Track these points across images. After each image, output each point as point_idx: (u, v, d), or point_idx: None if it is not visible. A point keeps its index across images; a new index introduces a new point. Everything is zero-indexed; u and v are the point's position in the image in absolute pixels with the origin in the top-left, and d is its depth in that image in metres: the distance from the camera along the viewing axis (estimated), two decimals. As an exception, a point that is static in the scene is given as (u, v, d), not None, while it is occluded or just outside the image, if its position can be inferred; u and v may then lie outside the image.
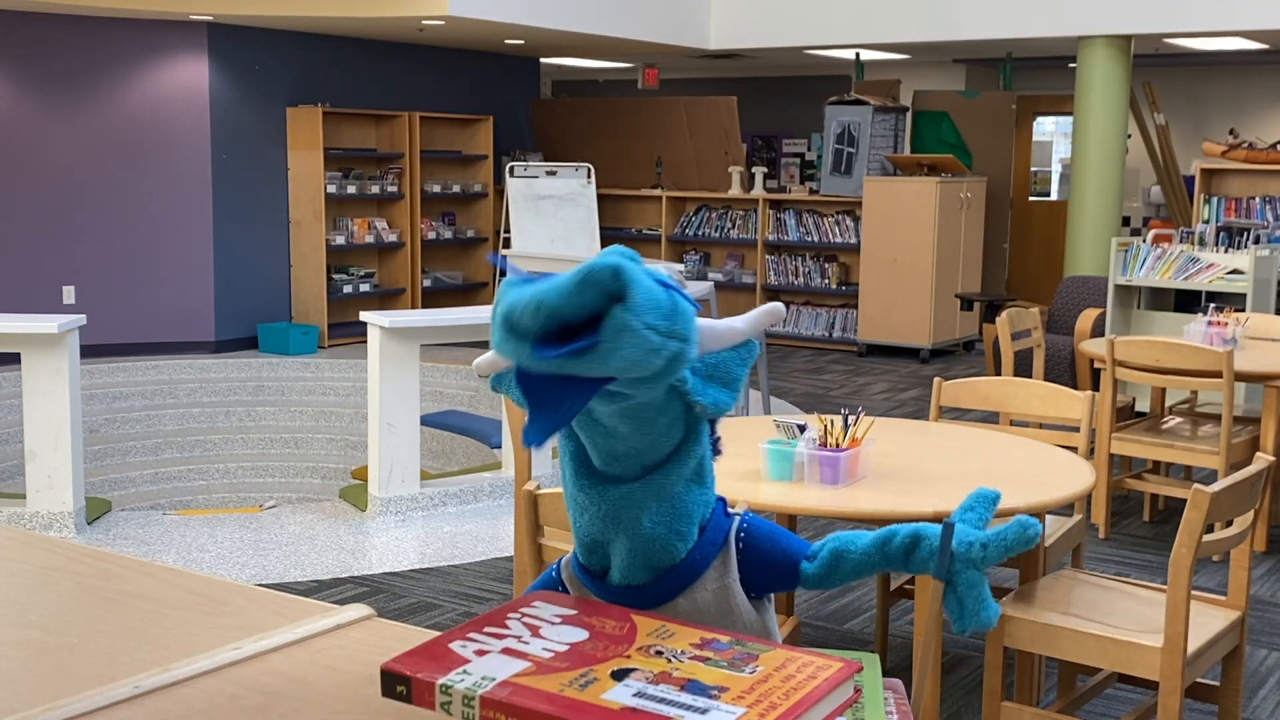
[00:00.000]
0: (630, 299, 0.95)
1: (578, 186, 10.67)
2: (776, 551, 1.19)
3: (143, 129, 9.37)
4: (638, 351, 0.97)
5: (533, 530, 2.66)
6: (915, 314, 10.00)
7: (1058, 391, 3.87)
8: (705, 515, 1.16)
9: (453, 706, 0.86)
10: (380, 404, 5.70)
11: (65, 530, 5.42)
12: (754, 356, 1.16)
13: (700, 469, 1.14)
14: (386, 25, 9.42)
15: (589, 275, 0.95)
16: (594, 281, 0.95)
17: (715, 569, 1.16)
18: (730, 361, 1.14)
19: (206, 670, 0.99)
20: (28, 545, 1.27)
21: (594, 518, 1.13)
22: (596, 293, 0.95)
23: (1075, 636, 2.91)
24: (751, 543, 1.18)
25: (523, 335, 0.97)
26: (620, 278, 0.95)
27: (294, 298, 10.12)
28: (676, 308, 1.00)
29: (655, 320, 0.97)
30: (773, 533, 1.20)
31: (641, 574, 1.13)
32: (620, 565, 1.14)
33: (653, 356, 0.98)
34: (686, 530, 1.14)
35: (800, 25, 10.38)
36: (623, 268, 0.95)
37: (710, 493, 1.17)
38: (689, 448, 1.12)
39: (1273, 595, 4.76)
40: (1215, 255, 7.07)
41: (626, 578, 1.14)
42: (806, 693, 0.87)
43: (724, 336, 1.13)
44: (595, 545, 1.15)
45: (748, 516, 1.20)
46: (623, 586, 1.14)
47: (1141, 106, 10.66)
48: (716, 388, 1.12)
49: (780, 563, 1.19)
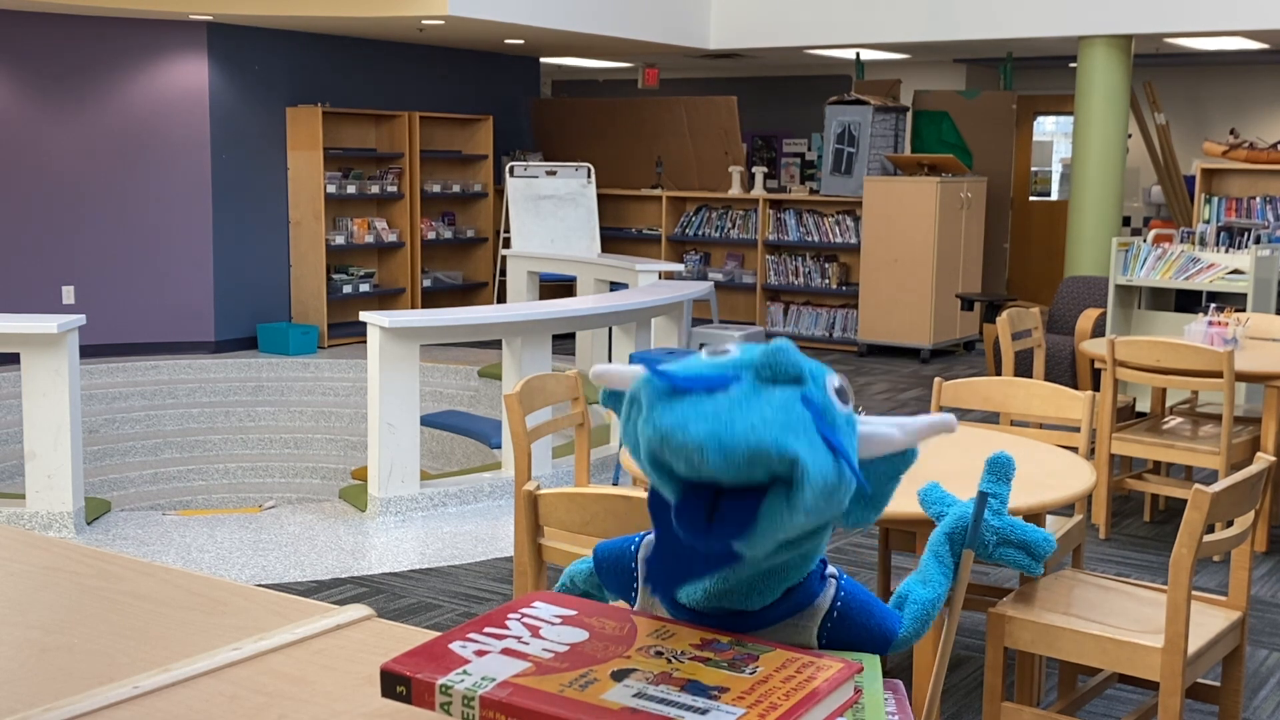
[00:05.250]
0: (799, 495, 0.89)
1: (578, 186, 10.67)
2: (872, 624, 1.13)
3: (143, 129, 9.37)
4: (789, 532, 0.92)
5: (533, 530, 2.66)
6: (915, 314, 10.00)
7: (1058, 391, 3.86)
8: (798, 580, 1.08)
9: (453, 707, 0.86)
10: (380, 404, 5.70)
11: (65, 530, 5.42)
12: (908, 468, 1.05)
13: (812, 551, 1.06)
14: (386, 25, 9.42)
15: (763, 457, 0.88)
16: (767, 464, 0.88)
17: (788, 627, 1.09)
18: (881, 476, 1.04)
19: (206, 670, 0.99)
20: (27, 545, 1.27)
21: None
22: (765, 473, 0.89)
23: (1075, 637, 2.90)
24: (846, 613, 1.12)
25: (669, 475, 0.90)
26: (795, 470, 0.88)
27: (294, 298, 10.12)
28: (841, 480, 0.93)
29: (816, 505, 0.91)
30: (868, 604, 1.14)
31: (710, 609, 1.07)
32: (693, 594, 1.07)
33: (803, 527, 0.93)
34: (770, 589, 1.07)
35: (800, 25, 10.38)
36: (801, 462, 0.88)
37: (813, 564, 1.09)
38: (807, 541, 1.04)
39: (1273, 595, 4.76)
40: (1216, 255, 7.07)
41: (695, 605, 1.07)
42: (807, 693, 0.87)
43: (878, 447, 1.03)
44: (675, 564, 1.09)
45: (845, 584, 1.13)
46: (688, 609, 1.08)
47: (1142, 106, 10.66)
48: (861, 505, 1.03)
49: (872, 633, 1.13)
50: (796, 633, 1.10)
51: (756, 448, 0.87)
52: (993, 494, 1.27)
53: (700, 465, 0.88)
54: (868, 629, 1.13)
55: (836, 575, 1.14)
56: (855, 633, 1.13)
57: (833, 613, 1.11)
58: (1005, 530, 1.25)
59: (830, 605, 1.11)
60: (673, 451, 0.89)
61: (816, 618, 1.11)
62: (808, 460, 0.89)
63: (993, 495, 1.27)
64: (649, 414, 0.91)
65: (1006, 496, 1.27)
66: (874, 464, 1.04)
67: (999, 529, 1.25)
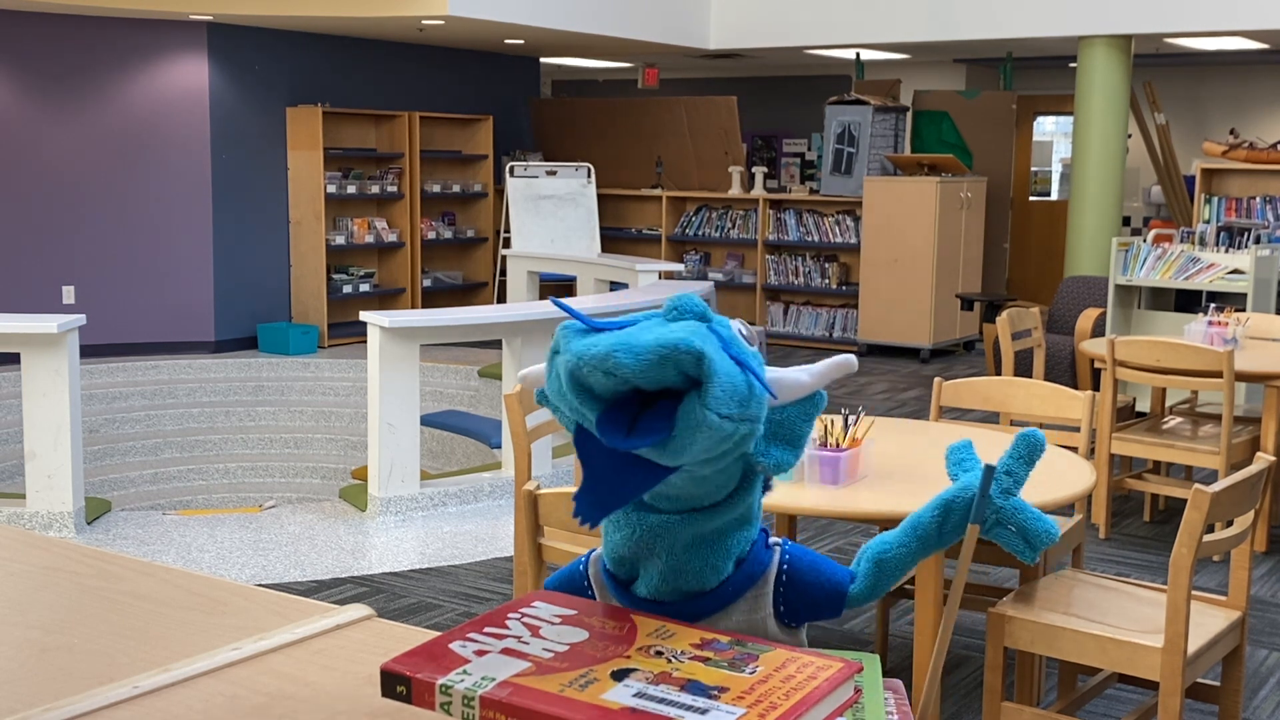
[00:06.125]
0: (709, 392, 0.92)
1: (578, 186, 10.67)
2: (821, 580, 1.16)
3: (143, 129, 9.37)
4: (710, 443, 0.94)
5: (533, 530, 2.66)
6: (915, 314, 10.00)
7: (1058, 391, 3.86)
8: (744, 550, 1.12)
9: (453, 707, 0.86)
10: (380, 404, 5.70)
11: (65, 530, 5.42)
12: (819, 410, 1.10)
13: (747, 512, 1.10)
14: (386, 25, 9.42)
15: (671, 353, 0.91)
16: (675, 361, 0.91)
17: (746, 600, 1.13)
18: (795, 418, 1.08)
19: (206, 670, 0.99)
20: (28, 545, 1.27)
21: (627, 539, 1.09)
22: (675, 372, 0.92)
23: (1075, 636, 2.90)
24: (794, 574, 1.15)
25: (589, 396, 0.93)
26: (702, 366, 0.92)
27: (294, 298, 10.12)
28: (751, 392, 0.97)
29: (730, 410, 0.94)
30: (815, 563, 1.17)
31: (668, 594, 1.11)
32: (648, 582, 1.11)
33: (722, 443, 0.96)
34: (721, 564, 1.10)
35: (800, 25, 10.38)
36: (706, 356, 0.92)
37: (754, 529, 1.13)
38: (741, 496, 1.08)
39: (1273, 595, 4.76)
40: (1216, 255, 7.07)
41: (653, 594, 1.11)
42: (806, 693, 0.87)
43: (790, 391, 1.07)
44: (625, 560, 1.12)
45: (789, 548, 1.17)
46: (648, 600, 1.11)
47: (1142, 106, 10.66)
48: (780, 446, 1.07)
49: (824, 590, 1.16)
50: (754, 606, 1.13)
51: (664, 343, 0.91)
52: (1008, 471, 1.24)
53: (614, 368, 0.91)
54: (819, 586, 1.16)
55: (780, 542, 1.17)
56: (807, 592, 1.15)
57: (781, 576, 1.15)
58: (1008, 512, 1.22)
59: (778, 570, 1.15)
60: (588, 365, 0.92)
61: (769, 586, 1.14)
62: (714, 357, 0.93)
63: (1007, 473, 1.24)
64: (566, 347, 0.95)
65: (1024, 478, 1.24)
66: (789, 408, 1.08)
67: (1000, 510, 1.22)
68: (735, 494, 1.08)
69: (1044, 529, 1.22)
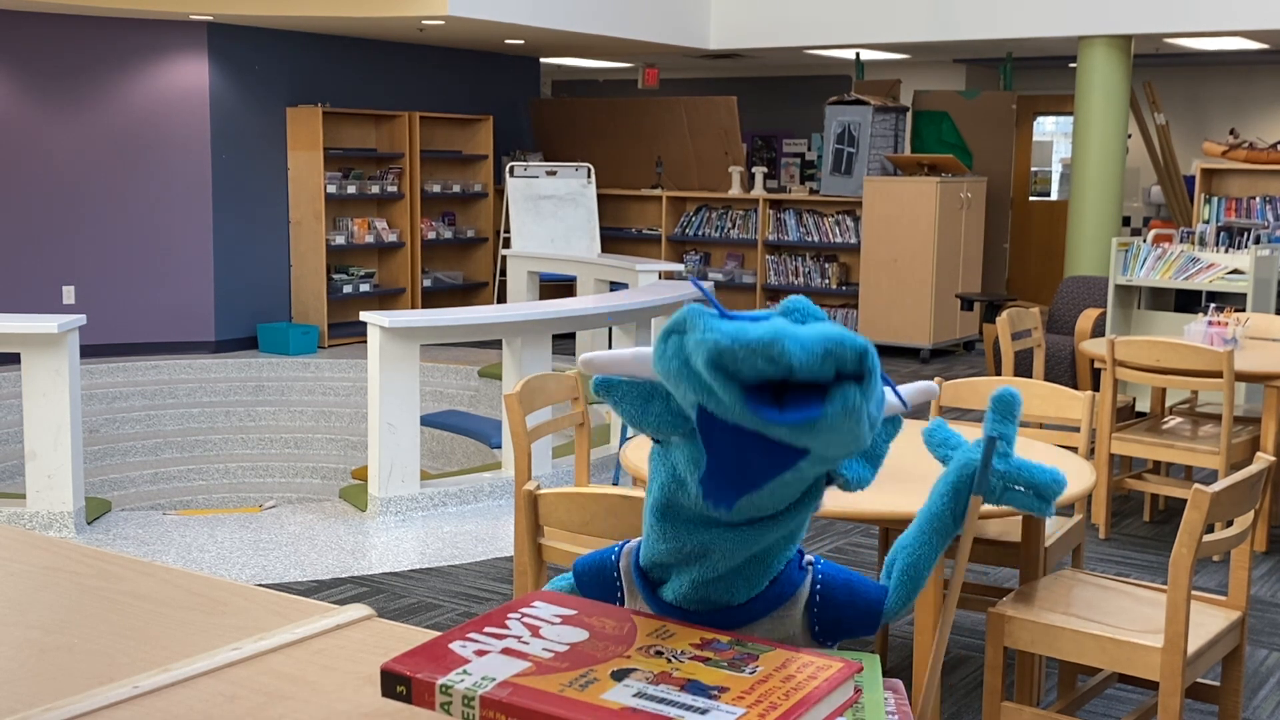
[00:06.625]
0: (870, 384, 0.92)
1: (578, 186, 10.67)
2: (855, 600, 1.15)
3: (143, 129, 9.37)
4: (851, 437, 0.93)
5: (533, 530, 2.66)
6: (915, 314, 10.00)
7: (1058, 391, 3.86)
8: (780, 569, 1.11)
9: (453, 707, 0.86)
10: (380, 404, 5.70)
11: (65, 530, 5.42)
12: (898, 432, 1.11)
13: (799, 528, 1.09)
14: (386, 25, 9.42)
15: (836, 348, 0.90)
16: (838, 357, 0.90)
17: (772, 619, 1.12)
18: (878, 437, 1.09)
19: (206, 670, 0.99)
20: (28, 545, 1.27)
21: (672, 550, 1.07)
22: (835, 367, 0.91)
23: (1075, 636, 2.90)
24: (828, 594, 1.14)
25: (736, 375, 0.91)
26: (865, 363, 0.91)
27: (294, 298, 10.12)
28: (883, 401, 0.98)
29: (877, 413, 0.95)
30: (849, 581, 1.16)
31: (697, 604, 1.10)
32: (678, 588, 1.09)
33: (856, 445, 0.95)
34: (757, 579, 1.09)
35: (800, 25, 10.38)
36: (870, 353, 0.92)
37: (794, 548, 1.12)
38: (800, 509, 1.06)
39: (1273, 595, 4.76)
40: (1215, 255, 7.07)
41: (681, 602, 1.10)
42: (807, 693, 0.87)
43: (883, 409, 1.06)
44: (662, 566, 1.10)
45: (821, 568, 1.16)
46: (673, 606, 1.10)
47: (1142, 106, 10.66)
48: (861, 463, 1.08)
49: (858, 610, 1.15)
50: (781, 625, 1.12)
51: (830, 337, 0.90)
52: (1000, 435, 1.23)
53: (779, 355, 0.89)
54: (854, 606, 1.15)
55: (814, 561, 1.16)
56: (843, 612, 1.15)
57: (815, 598, 1.14)
58: (1013, 473, 1.22)
59: (811, 591, 1.14)
60: (746, 349, 0.89)
61: (799, 606, 1.13)
62: (875, 358, 0.92)
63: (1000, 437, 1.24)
64: (705, 328, 0.92)
65: (1013, 436, 1.24)
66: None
67: (1005, 473, 1.21)
68: (794, 507, 1.06)
69: (1052, 479, 1.21)
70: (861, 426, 0.92)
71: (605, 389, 1.04)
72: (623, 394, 1.05)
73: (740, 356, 0.90)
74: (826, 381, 0.91)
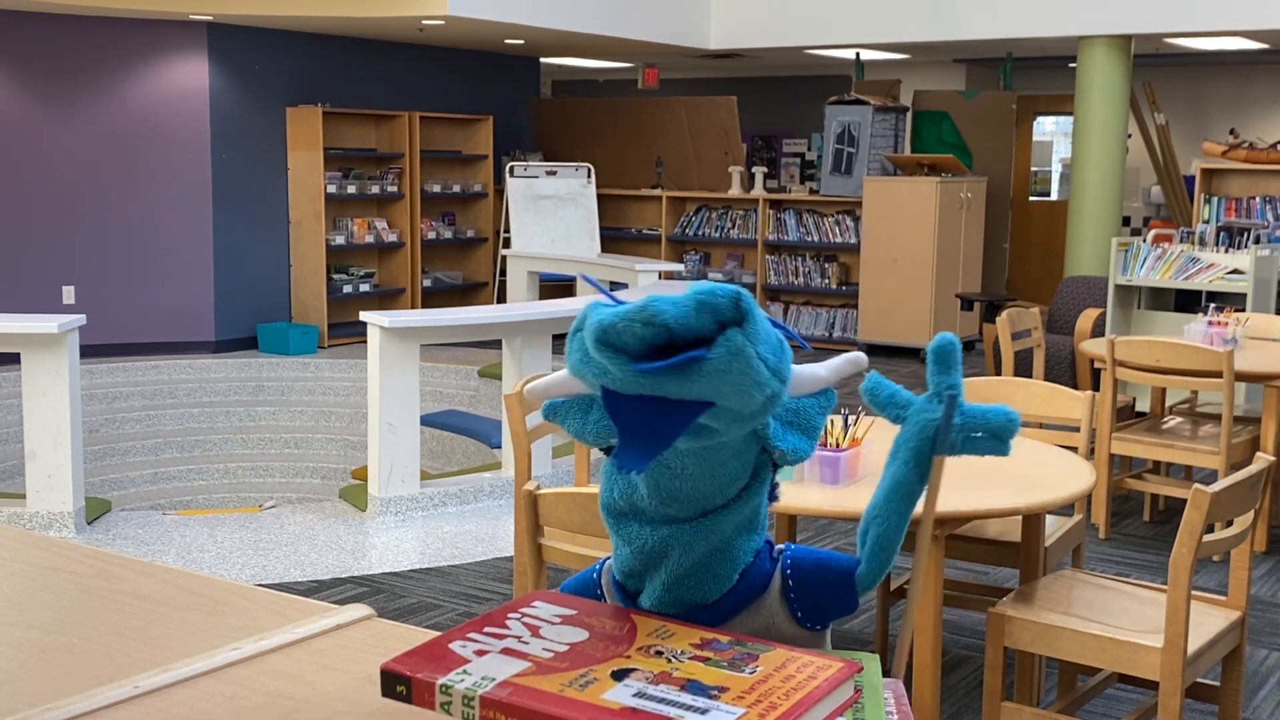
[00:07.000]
0: (749, 327, 0.94)
1: (578, 186, 10.68)
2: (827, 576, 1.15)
3: (143, 129, 9.37)
4: (745, 380, 0.95)
5: (533, 530, 2.66)
6: (915, 314, 10.00)
7: (1058, 391, 3.86)
8: (749, 560, 1.13)
9: (453, 707, 0.86)
10: (380, 404, 5.70)
11: (65, 530, 5.42)
12: (832, 405, 1.13)
13: (754, 516, 1.11)
14: (386, 25, 9.42)
15: (709, 298, 0.93)
16: (713, 306, 0.93)
17: (750, 612, 1.13)
18: (811, 409, 1.11)
19: (206, 670, 0.99)
20: (28, 545, 1.27)
21: (637, 552, 1.10)
22: (712, 317, 0.93)
23: (1075, 636, 2.91)
24: (800, 577, 1.15)
25: (623, 348, 0.94)
26: (741, 306, 0.94)
27: (294, 298, 10.12)
28: (783, 348, 1.00)
29: (767, 353, 0.96)
30: (818, 560, 1.16)
31: (672, 608, 1.11)
32: (653, 595, 1.11)
33: (755, 390, 0.96)
34: (726, 574, 1.11)
35: (800, 25, 10.38)
36: (745, 296, 0.94)
37: (758, 538, 1.13)
38: (750, 495, 1.09)
39: (1273, 595, 4.76)
40: (1215, 255, 7.07)
41: (657, 607, 1.11)
42: (807, 693, 0.87)
43: (807, 383, 1.10)
44: (633, 573, 1.12)
45: (790, 553, 1.16)
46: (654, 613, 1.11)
47: (1142, 106, 10.66)
48: (796, 434, 1.09)
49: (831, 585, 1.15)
50: (760, 617, 1.13)
51: (703, 290, 0.93)
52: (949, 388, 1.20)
53: (652, 316, 0.92)
54: (828, 584, 1.15)
55: (783, 548, 1.17)
56: (819, 592, 1.15)
57: (788, 584, 1.14)
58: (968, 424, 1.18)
59: (783, 579, 1.14)
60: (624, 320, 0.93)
61: (773, 596, 1.13)
62: (750, 300, 0.95)
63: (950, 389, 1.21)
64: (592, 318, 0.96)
65: (960, 383, 1.20)
66: (806, 399, 1.11)
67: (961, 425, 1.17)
68: (745, 492, 1.08)
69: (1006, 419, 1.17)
70: (753, 366, 0.94)
71: (552, 412, 1.08)
72: (567, 412, 1.09)
73: (621, 328, 0.93)
74: (710, 334, 0.93)
